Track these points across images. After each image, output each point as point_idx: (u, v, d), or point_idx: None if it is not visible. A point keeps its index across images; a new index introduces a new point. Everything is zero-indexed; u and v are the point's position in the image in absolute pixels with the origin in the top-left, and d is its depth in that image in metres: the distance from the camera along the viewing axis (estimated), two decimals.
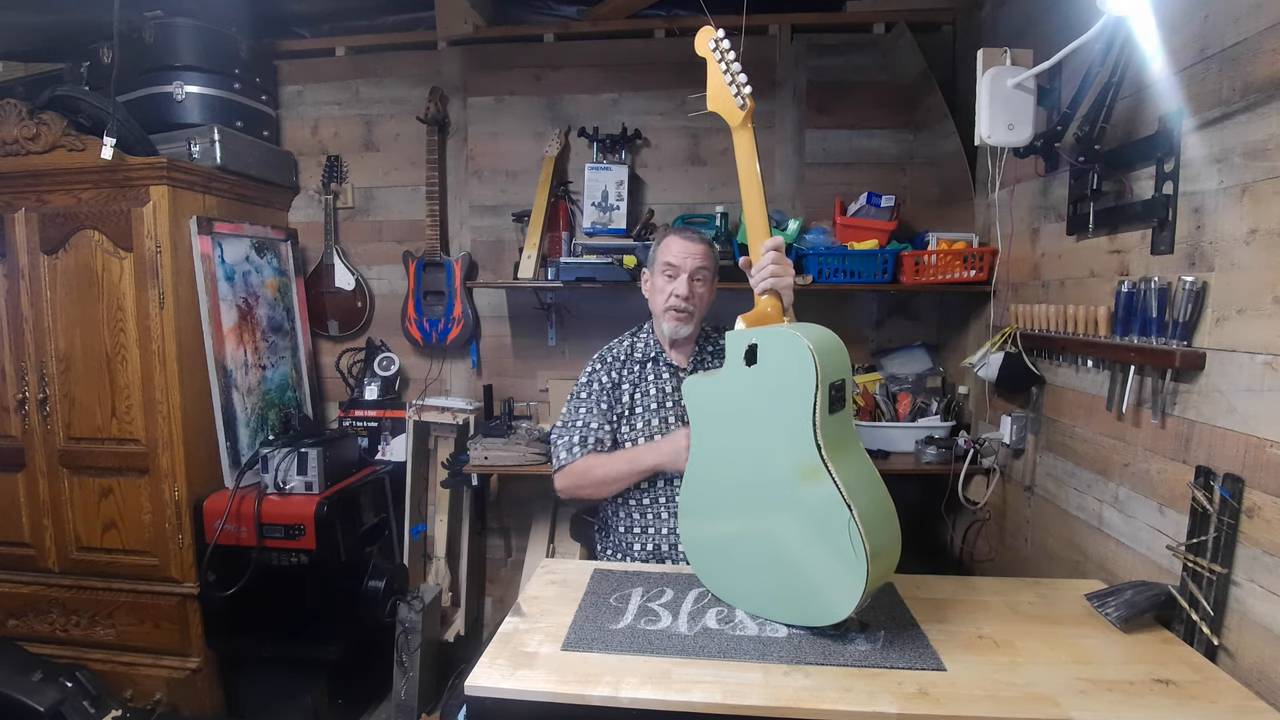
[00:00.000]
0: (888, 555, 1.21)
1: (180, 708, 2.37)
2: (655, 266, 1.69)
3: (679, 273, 1.64)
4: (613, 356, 1.76)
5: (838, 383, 1.22)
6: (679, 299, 1.63)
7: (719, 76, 1.36)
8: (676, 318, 1.65)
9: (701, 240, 1.68)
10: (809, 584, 1.23)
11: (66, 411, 2.30)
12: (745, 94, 1.34)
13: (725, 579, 1.36)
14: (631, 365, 1.74)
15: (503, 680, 1.13)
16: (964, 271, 2.27)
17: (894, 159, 2.68)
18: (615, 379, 1.73)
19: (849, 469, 1.20)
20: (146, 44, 2.43)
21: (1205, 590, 1.27)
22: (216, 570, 2.26)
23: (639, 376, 1.73)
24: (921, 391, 2.50)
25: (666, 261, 1.65)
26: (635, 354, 1.75)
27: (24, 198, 2.26)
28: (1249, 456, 1.22)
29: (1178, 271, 1.39)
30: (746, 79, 1.34)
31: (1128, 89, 1.52)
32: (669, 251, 1.66)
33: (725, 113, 1.38)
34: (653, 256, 1.72)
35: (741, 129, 1.37)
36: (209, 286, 2.32)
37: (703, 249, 1.66)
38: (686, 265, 1.64)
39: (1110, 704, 1.06)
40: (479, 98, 2.79)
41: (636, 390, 1.72)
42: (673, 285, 1.64)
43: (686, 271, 1.64)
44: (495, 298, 2.84)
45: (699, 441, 1.38)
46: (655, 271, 1.69)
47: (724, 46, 1.34)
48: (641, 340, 1.77)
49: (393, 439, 2.74)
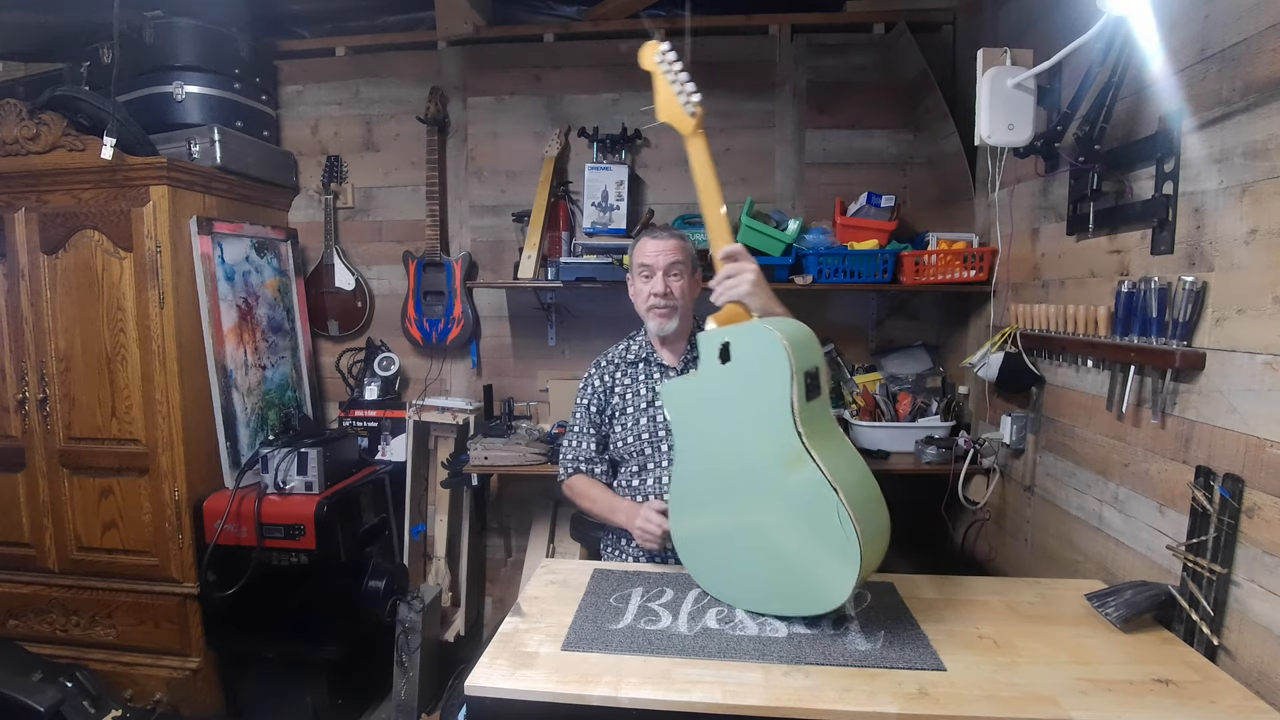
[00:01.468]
0: (879, 534, 1.22)
1: (180, 708, 2.37)
2: (634, 270, 1.74)
3: (654, 271, 1.68)
4: (607, 360, 1.81)
5: (811, 371, 1.24)
6: (657, 296, 1.67)
7: (667, 88, 1.38)
8: (659, 314, 1.68)
9: (672, 236, 1.71)
10: (802, 571, 1.23)
11: (66, 411, 2.30)
12: (694, 102, 1.36)
13: (718, 575, 1.37)
14: (624, 367, 1.78)
15: (503, 680, 1.13)
16: (964, 271, 2.27)
17: (894, 159, 2.69)
18: (609, 382, 1.78)
19: (832, 453, 1.21)
20: (146, 44, 2.43)
21: (1205, 590, 1.27)
22: (216, 570, 2.26)
23: (630, 378, 1.77)
24: (921, 391, 2.50)
25: (641, 263, 1.70)
26: (629, 356, 1.79)
27: (24, 198, 2.26)
28: (1249, 456, 1.22)
29: (1178, 271, 1.39)
30: (695, 88, 1.35)
31: (1128, 89, 1.52)
32: (642, 253, 1.70)
33: (676, 121, 1.39)
34: (631, 258, 1.76)
35: (694, 137, 1.38)
36: (209, 286, 2.32)
37: (674, 244, 1.69)
38: (660, 262, 1.67)
39: (1110, 704, 1.06)
40: (479, 98, 2.79)
41: (628, 391, 1.76)
42: (650, 285, 1.68)
43: (661, 269, 1.67)
44: (495, 298, 2.84)
45: (682, 444, 1.40)
46: (634, 275, 1.74)
47: (669, 58, 1.36)
48: (636, 343, 1.81)
49: (393, 439, 2.74)
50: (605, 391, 1.77)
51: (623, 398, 1.76)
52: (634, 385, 1.76)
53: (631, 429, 1.73)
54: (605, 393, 1.77)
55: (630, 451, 1.74)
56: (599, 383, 1.79)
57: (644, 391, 1.74)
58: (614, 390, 1.77)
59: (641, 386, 1.75)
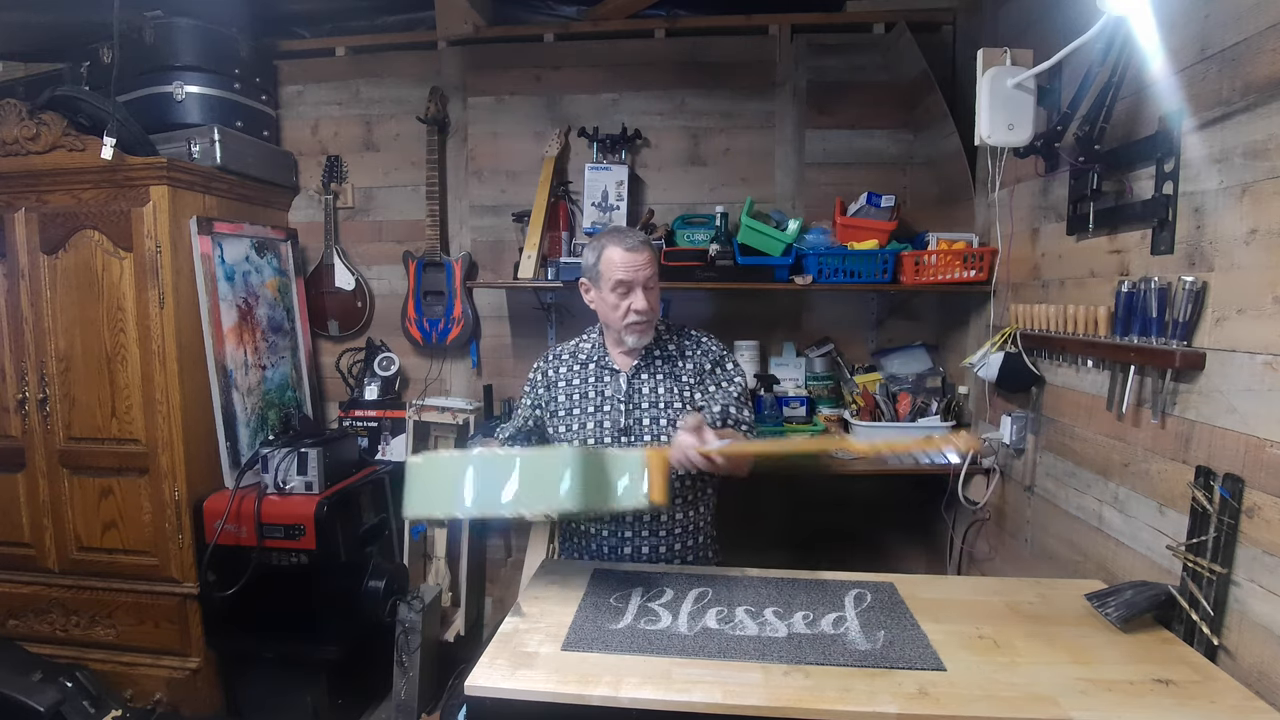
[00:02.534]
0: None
1: (180, 708, 2.37)
2: (602, 282, 1.66)
3: (632, 287, 1.62)
4: (554, 355, 1.81)
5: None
6: (638, 314, 1.63)
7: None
8: (638, 330, 1.65)
9: (644, 245, 1.65)
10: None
11: (66, 411, 2.30)
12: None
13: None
14: (573, 364, 1.76)
15: (503, 680, 1.13)
16: (964, 271, 2.27)
17: (894, 159, 2.68)
18: (552, 377, 1.77)
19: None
20: (146, 44, 2.43)
21: (1205, 590, 1.27)
22: (216, 570, 2.26)
23: (579, 376, 1.74)
24: (921, 391, 2.50)
25: (617, 280, 1.62)
26: (579, 355, 1.77)
27: (24, 198, 2.26)
28: (1249, 456, 1.22)
29: (1178, 271, 1.39)
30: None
31: (1128, 89, 1.52)
32: (614, 269, 1.62)
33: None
34: (594, 268, 1.68)
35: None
36: (209, 286, 2.32)
37: (645, 256, 1.63)
38: (638, 279, 1.62)
39: (1110, 704, 1.06)
40: (479, 98, 2.79)
41: (574, 390, 1.73)
42: (629, 300, 1.63)
43: (640, 285, 1.62)
44: (495, 298, 2.84)
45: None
46: (604, 288, 1.66)
47: None
48: (589, 342, 1.78)
49: (393, 439, 2.74)
50: (548, 386, 1.76)
51: (568, 395, 1.73)
52: (581, 385, 1.73)
53: (577, 430, 1.69)
54: (548, 387, 1.76)
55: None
56: (541, 377, 1.78)
57: (592, 394, 1.71)
58: (556, 384, 1.75)
59: (590, 389, 1.72)
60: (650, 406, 1.67)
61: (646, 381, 1.69)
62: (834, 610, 1.34)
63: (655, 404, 1.68)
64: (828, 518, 2.63)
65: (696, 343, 1.75)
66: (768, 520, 2.51)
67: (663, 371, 1.70)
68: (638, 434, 1.66)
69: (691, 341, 1.75)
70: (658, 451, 1.39)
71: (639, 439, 1.66)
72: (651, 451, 1.39)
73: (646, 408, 1.67)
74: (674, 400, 1.67)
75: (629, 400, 1.68)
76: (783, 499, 2.61)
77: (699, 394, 1.68)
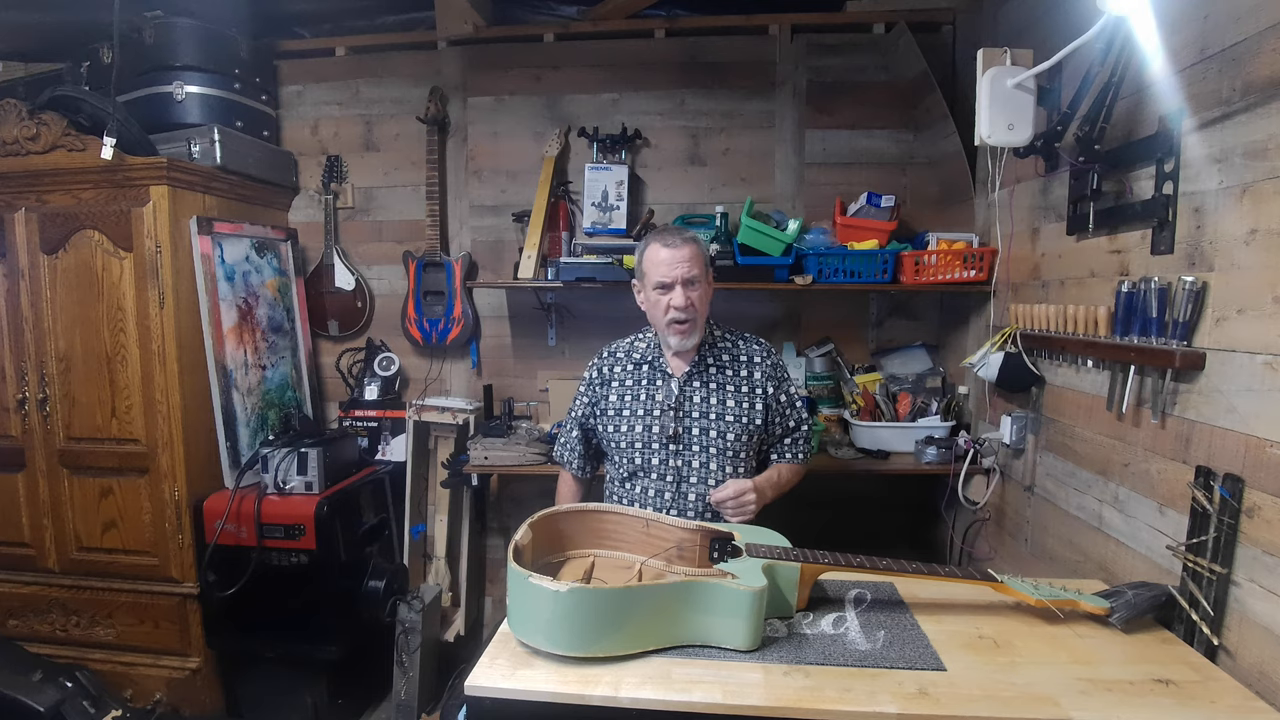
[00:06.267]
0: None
1: (180, 708, 2.37)
2: (646, 280, 1.66)
3: (672, 285, 1.61)
4: (609, 352, 1.79)
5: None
6: (678, 310, 1.61)
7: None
8: (680, 330, 1.63)
9: (685, 242, 1.63)
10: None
11: (66, 411, 2.30)
12: None
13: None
14: (626, 364, 1.75)
15: (503, 680, 1.13)
16: (964, 271, 2.27)
17: (894, 159, 2.68)
18: (606, 375, 1.76)
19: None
20: (146, 44, 2.43)
21: (1205, 590, 1.27)
22: (216, 570, 2.26)
23: (632, 377, 1.73)
24: (921, 391, 2.50)
25: (658, 281, 1.62)
26: (634, 354, 1.76)
27: (24, 198, 2.26)
28: (1249, 456, 1.22)
29: (1178, 271, 1.39)
30: None
31: (1128, 89, 1.52)
32: (656, 267, 1.62)
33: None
34: (640, 268, 1.68)
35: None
36: (209, 286, 2.32)
37: (688, 251, 1.62)
38: (677, 275, 1.60)
39: (1110, 704, 1.06)
40: (479, 98, 2.79)
41: (626, 392, 1.72)
42: (669, 298, 1.61)
43: (680, 283, 1.61)
44: (495, 298, 2.84)
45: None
46: (647, 286, 1.66)
47: None
48: (644, 341, 1.77)
49: (393, 439, 2.74)
50: (601, 384, 1.75)
51: (620, 396, 1.72)
52: (634, 387, 1.72)
53: (625, 432, 1.69)
54: (601, 385, 1.75)
55: (621, 455, 1.71)
56: (597, 374, 1.77)
57: (644, 397, 1.70)
58: (610, 382, 1.74)
59: (642, 391, 1.71)
60: (700, 416, 1.67)
61: (699, 390, 1.68)
62: (834, 610, 1.34)
63: (705, 414, 1.67)
64: (828, 518, 2.63)
65: (751, 356, 1.73)
66: (768, 520, 2.50)
67: (715, 381, 1.69)
68: (686, 443, 1.66)
69: (746, 351, 1.74)
70: (811, 567, 1.33)
71: (687, 448, 1.66)
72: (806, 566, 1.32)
73: (697, 417, 1.67)
74: (725, 413, 1.67)
75: (679, 408, 1.67)
76: (783, 499, 2.60)
77: (753, 412, 1.69)
